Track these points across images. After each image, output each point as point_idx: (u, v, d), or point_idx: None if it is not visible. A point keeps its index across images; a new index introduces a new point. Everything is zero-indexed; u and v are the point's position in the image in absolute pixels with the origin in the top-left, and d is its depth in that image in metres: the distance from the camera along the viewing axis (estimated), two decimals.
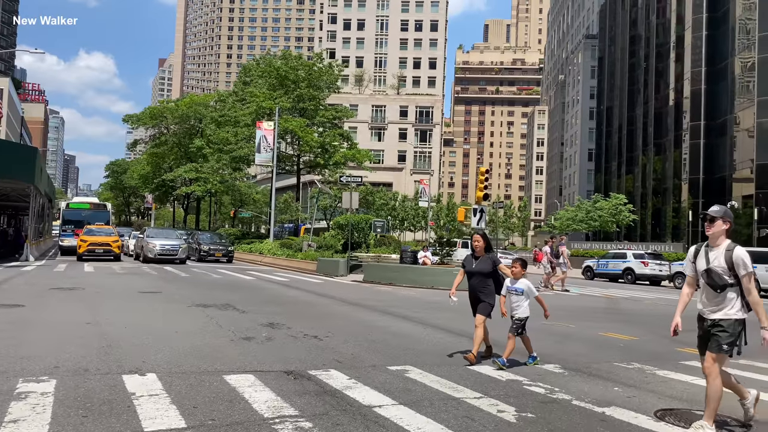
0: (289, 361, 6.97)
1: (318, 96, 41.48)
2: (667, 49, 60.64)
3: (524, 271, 7.20)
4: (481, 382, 6.34)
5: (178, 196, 59.59)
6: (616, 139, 73.53)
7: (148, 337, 8.14)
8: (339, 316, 11.56)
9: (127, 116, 54.04)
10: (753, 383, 6.74)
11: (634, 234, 62.88)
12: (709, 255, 4.92)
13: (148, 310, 11.21)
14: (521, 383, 6.39)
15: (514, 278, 7.17)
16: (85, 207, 36.20)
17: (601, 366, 7.50)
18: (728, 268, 4.76)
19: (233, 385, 5.78)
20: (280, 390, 5.65)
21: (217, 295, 14.36)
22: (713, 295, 4.88)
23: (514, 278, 7.17)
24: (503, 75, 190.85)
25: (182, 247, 27.98)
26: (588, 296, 20.18)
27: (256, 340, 8.32)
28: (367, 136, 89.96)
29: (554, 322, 11.79)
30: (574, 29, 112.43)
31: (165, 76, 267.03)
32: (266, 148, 32.32)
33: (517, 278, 7.17)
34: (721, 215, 4.89)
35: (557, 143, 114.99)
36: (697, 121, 53.98)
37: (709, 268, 4.84)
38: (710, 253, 4.91)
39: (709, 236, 4.93)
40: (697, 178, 53.57)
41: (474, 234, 7.78)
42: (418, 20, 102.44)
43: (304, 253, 27.55)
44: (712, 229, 4.89)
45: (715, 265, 4.82)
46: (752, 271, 4.74)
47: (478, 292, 7.40)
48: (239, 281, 19.48)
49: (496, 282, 7.45)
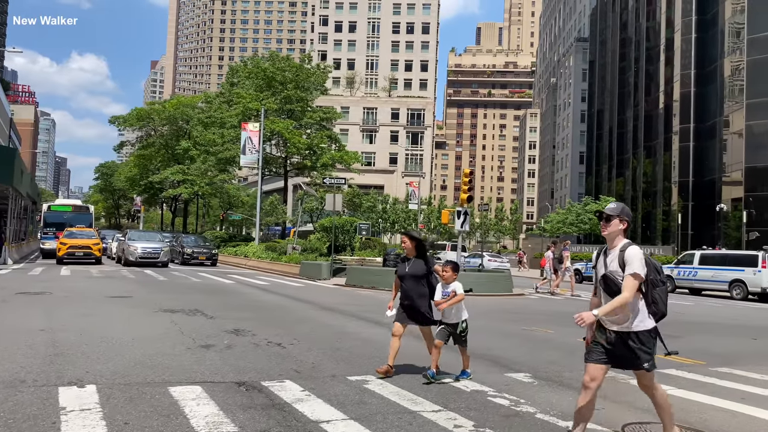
0: (244, 371, 6.60)
1: (306, 97, 41.11)
2: (657, 52, 60.66)
3: (455, 276, 6.60)
4: (443, 394, 6.00)
5: (165, 199, 59.04)
6: (606, 142, 73.54)
7: (100, 345, 7.76)
8: (310, 321, 11.20)
9: (114, 118, 53.49)
10: (732, 393, 6.43)
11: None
12: (606, 259, 4.33)
13: (111, 316, 10.81)
14: (486, 394, 6.05)
15: (446, 282, 6.56)
16: (67, 209, 35.65)
17: (574, 374, 7.17)
18: (622, 271, 4.17)
19: (176, 397, 5.41)
20: (225, 403, 5.28)
21: (189, 299, 13.97)
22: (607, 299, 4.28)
23: (446, 282, 6.56)
24: (495, 78, 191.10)
25: (164, 250, 27.52)
26: (574, 300, 19.88)
27: (215, 348, 7.95)
28: (358, 138, 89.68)
29: (534, 328, 11.50)
30: (566, 32, 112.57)
31: (157, 78, 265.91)
32: (251, 150, 31.93)
33: (449, 282, 6.56)
34: (618, 213, 4.33)
35: (549, 146, 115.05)
36: (686, 123, 53.96)
37: (605, 275, 4.27)
38: (607, 257, 4.32)
39: (606, 237, 4.37)
40: (686, 181, 53.51)
41: (402, 234, 7.19)
42: (409, 23, 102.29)
43: (288, 257, 27.17)
44: (608, 229, 4.33)
45: (611, 270, 4.23)
46: (639, 274, 4.06)
47: (411, 297, 6.70)
48: (217, 285, 19.08)
49: (431, 287, 6.77)
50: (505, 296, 18.75)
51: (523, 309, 15.59)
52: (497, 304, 16.60)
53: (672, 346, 9.94)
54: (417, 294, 6.66)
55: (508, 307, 15.84)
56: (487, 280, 19.39)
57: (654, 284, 4.20)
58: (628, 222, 4.34)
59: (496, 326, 11.59)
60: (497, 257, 43.21)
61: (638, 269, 4.08)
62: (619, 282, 4.13)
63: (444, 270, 6.58)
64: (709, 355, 9.23)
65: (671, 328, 12.84)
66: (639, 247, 4.29)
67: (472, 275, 19.80)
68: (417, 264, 6.74)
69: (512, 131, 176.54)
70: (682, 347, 9.89)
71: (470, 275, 19.68)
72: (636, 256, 4.11)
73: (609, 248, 4.34)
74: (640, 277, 4.10)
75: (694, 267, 26.35)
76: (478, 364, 7.61)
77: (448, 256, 36.79)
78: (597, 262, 4.43)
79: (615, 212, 4.34)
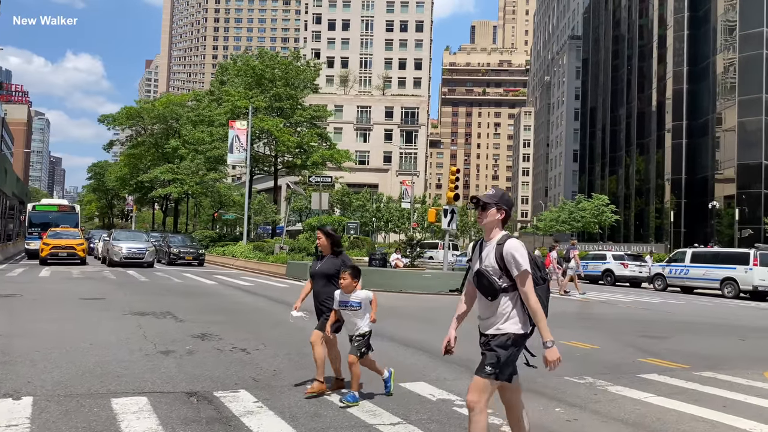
0: (198, 380, 6.23)
1: (295, 95, 40.68)
2: (650, 49, 60.44)
3: (356, 282, 5.65)
4: (407, 403, 5.64)
5: (157, 198, 58.52)
6: (600, 140, 73.33)
7: (53, 352, 7.36)
8: (284, 325, 10.81)
9: (103, 116, 52.91)
10: (715, 400, 6.09)
11: (618, 235, 62.60)
12: (482, 253, 3.74)
13: (76, 320, 10.41)
14: (452, 404, 5.70)
15: (345, 291, 5.63)
16: (52, 209, 35.11)
17: (549, 381, 6.82)
18: (499, 268, 3.59)
19: (116, 410, 5.04)
20: (167, 417, 4.91)
21: (164, 301, 13.58)
22: (486, 305, 3.72)
23: (345, 291, 5.63)
24: (490, 76, 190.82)
25: (149, 250, 27.08)
26: (562, 300, 19.55)
27: (175, 354, 7.57)
28: (352, 137, 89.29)
29: None
30: (560, 30, 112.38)
31: (151, 78, 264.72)
32: (239, 148, 31.51)
33: (348, 291, 5.63)
34: (495, 201, 3.72)
35: (543, 144, 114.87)
36: (679, 121, 53.76)
37: (479, 270, 3.68)
38: (483, 251, 3.74)
39: (483, 228, 3.79)
40: (679, 179, 53.32)
41: (318, 230, 6.53)
42: (403, 21, 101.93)
43: (275, 256, 26.78)
44: (485, 219, 3.73)
45: (486, 265, 3.64)
46: (528, 270, 3.55)
47: (321, 299, 6.03)
48: (198, 286, 18.68)
49: None
50: None
51: None
52: None
53: (659, 348, 9.68)
54: (326, 295, 5.95)
55: None
56: None
57: (534, 282, 3.62)
58: (507, 211, 3.73)
59: (475, 327, 11.22)
60: None
61: (526, 265, 3.55)
62: (494, 279, 3.59)
63: (342, 277, 5.64)
64: (695, 357, 8.91)
65: (659, 328, 12.53)
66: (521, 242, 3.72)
67: (457, 274, 19.45)
68: (330, 262, 6.06)
69: (507, 130, 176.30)
70: (667, 349, 9.61)
71: (456, 275, 19.35)
72: (518, 250, 3.57)
73: (486, 240, 3.76)
74: (530, 273, 3.57)
75: (686, 265, 26.07)
76: (450, 369, 7.28)
77: (440, 255, 36.43)
78: (473, 256, 3.86)
79: (492, 199, 3.73)
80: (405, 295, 17.44)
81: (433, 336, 9.77)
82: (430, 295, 17.17)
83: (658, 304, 19.37)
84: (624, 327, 12.51)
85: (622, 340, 10.47)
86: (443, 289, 17.95)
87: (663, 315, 15.68)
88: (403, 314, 12.91)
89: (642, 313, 15.85)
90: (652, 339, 10.74)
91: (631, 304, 18.88)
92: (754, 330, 13.23)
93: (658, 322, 13.82)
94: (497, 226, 3.72)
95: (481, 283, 3.65)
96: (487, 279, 3.61)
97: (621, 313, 15.86)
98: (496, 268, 3.59)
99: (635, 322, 13.70)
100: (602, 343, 9.88)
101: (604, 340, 10.27)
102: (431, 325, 11.40)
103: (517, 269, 3.54)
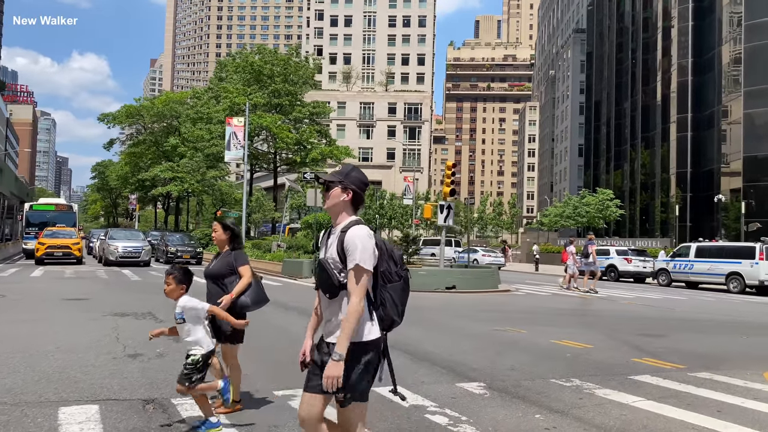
0: (159, 386, 5.89)
1: (295, 91, 40.35)
2: (654, 41, 59.71)
3: (182, 288, 4.55)
4: (376, 410, 5.27)
5: (158, 197, 58.36)
6: (604, 134, 72.64)
7: (15, 356, 7.05)
8: (266, 325, 10.47)
9: (103, 115, 52.72)
10: (709, 405, 5.69)
11: (623, 229, 61.98)
12: (328, 241, 3.10)
13: (52, 321, 10.10)
14: (425, 410, 5.33)
15: (171, 298, 4.59)
16: (49, 208, 34.91)
17: (534, 384, 6.44)
18: (340, 260, 2.94)
19: (61, 421, 4.71)
20: (114, 428, 4.58)
21: (149, 301, 13.25)
22: (326, 304, 3.04)
23: (171, 298, 4.59)
24: (494, 71, 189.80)
25: (145, 249, 26.82)
26: (561, 296, 19.15)
27: (143, 357, 7.24)
28: (355, 133, 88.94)
29: (507, 328, 10.79)
30: (564, 24, 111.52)
31: (156, 76, 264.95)
32: (236, 145, 31.19)
33: (174, 298, 4.55)
34: (340, 179, 3.07)
35: (548, 139, 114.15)
36: (684, 113, 53.06)
37: (320, 261, 3.04)
38: (329, 239, 3.10)
39: (328, 212, 3.14)
40: (684, 172, 52.65)
41: (215, 222, 5.62)
42: (405, 16, 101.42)
43: (272, 254, 26.48)
44: (328, 202, 3.10)
45: (328, 256, 2.99)
46: (364, 266, 2.86)
47: (210, 302, 4.95)
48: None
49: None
50: (489, 293, 18.02)
51: (503, 307, 14.86)
52: (478, 301, 15.88)
53: (655, 347, 9.25)
54: (216, 300, 4.95)
55: (489, 305, 15.10)
56: (471, 277, 18.65)
57: (387, 278, 3.01)
58: (356, 191, 3.07)
59: (467, 326, 10.86)
60: (492, 252, 42.40)
61: (363, 260, 2.87)
62: (335, 273, 2.92)
63: (167, 282, 4.58)
64: (692, 356, 8.50)
65: (658, 325, 12.11)
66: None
67: (455, 271, 19.09)
68: (223, 260, 5.14)
69: (512, 125, 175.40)
70: (664, 348, 9.20)
71: (453, 271, 18.99)
72: (361, 238, 2.89)
73: (333, 226, 3.14)
74: (367, 271, 2.89)
75: (690, 260, 25.59)
76: (431, 372, 6.92)
77: (447, 252, 35.94)
78: (321, 244, 3.22)
79: (336, 178, 3.09)
80: None
81: (420, 337, 9.41)
82: (425, 292, 16.79)
83: (660, 300, 18.93)
84: (622, 324, 12.10)
85: (618, 338, 10.07)
86: (439, 286, 17.57)
87: (664, 311, 15.26)
88: None
89: (642, 310, 15.43)
90: (649, 337, 10.34)
91: (632, 300, 18.45)
92: (757, 327, 12.79)
93: (657, 319, 13.40)
94: (344, 210, 3.07)
95: (321, 276, 2.99)
96: (327, 272, 2.95)
97: (620, 309, 15.43)
98: (336, 260, 2.93)
99: (634, 319, 13.28)
100: (596, 342, 9.48)
101: (599, 339, 9.87)
102: (419, 325, 11.01)
103: (351, 261, 2.87)
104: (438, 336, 9.63)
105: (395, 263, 3.04)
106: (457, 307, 14.19)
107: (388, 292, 3.00)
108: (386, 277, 3.01)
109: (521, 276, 32.02)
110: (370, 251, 2.90)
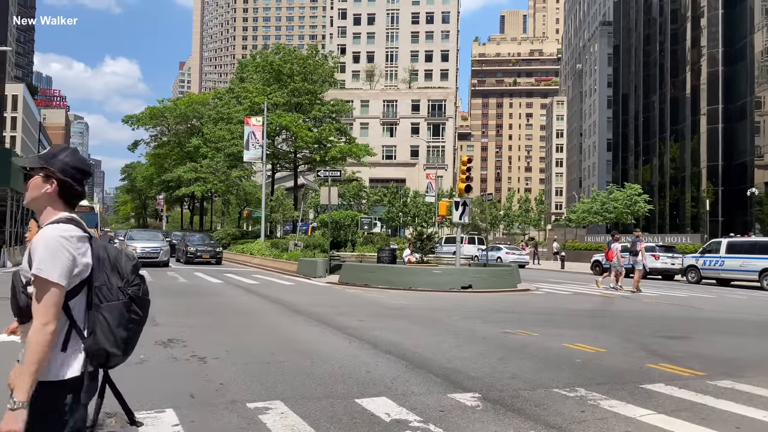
0: (126, 398, 5.51)
1: (314, 90, 40.10)
2: (683, 32, 58.05)
3: None
4: (353, 425, 4.83)
5: (183, 197, 58.81)
6: (632, 128, 71.00)
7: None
8: (264, 328, 10.12)
9: (127, 117, 53.33)
10: (728, 419, 5.11)
11: (653, 225, 60.44)
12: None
13: None
14: (407, 425, 4.87)
15: None
16: None
17: (534, 394, 5.93)
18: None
19: None
20: None
21: (154, 303, 12.97)
22: (24, 330, 2.21)
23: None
24: (521, 66, 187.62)
25: (164, 250, 26.78)
26: (583, 295, 18.46)
27: (122, 365, 6.89)
28: (378, 131, 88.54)
29: (517, 330, 10.24)
30: (591, 17, 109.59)
31: (184, 79, 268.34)
32: (255, 145, 31.04)
33: None
34: (42, 164, 2.28)
35: (576, 134, 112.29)
36: (714, 104, 51.43)
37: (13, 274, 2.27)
38: None
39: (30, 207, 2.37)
40: (716, 165, 51.03)
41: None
42: (429, 12, 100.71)
43: (289, 254, 26.23)
44: (27, 195, 2.33)
45: (21, 267, 2.22)
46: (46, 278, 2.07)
47: None
48: (200, 286, 18.19)
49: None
50: (506, 292, 17.42)
51: (519, 307, 14.27)
52: (494, 301, 15.32)
53: (674, 351, 8.60)
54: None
55: (504, 305, 14.53)
56: (488, 276, 18.07)
57: (103, 296, 2.22)
58: (63, 180, 2.27)
59: (476, 328, 10.35)
60: (516, 250, 41.51)
61: (46, 269, 2.09)
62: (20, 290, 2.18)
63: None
64: (714, 361, 7.87)
65: (681, 326, 11.40)
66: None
67: (471, 270, 18.54)
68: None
69: (539, 120, 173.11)
70: (684, 352, 8.56)
71: (469, 270, 18.44)
72: (47, 240, 2.13)
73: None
74: (54, 284, 2.09)
75: (721, 256, 24.59)
76: (424, 381, 6.44)
77: (464, 249, 35.37)
78: None
79: (36, 163, 2.29)
80: (413, 293, 16.59)
81: (421, 341, 8.95)
82: (440, 292, 16.28)
83: (686, 298, 18.12)
84: (641, 325, 11.45)
85: (635, 341, 9.45)
86: (455, 286, 17.04)
87: (688, 311, 14.51)
88: (403, 315, 12.09)
89: (665, 309, 14.70)
90: (669, 339, 9.70)
91: (656, 298, 17.68)
92: None
93: (680, 320, 12.69)
94: (49, 205, 2.29)
95: (12, 295, 2.23)
96: (13, 289, 2.22)
97: (642, 309, 14.72)
98: (27, 271, 2.15)
99: (655, 319, 12.60)
100: (610, 345, 8.89)
101: (614, 342, 9.27)
102: (425, 327, 10.54)
103: (34, 268, 2.10)
104: (442, 339, 9.15)
105: (120, 277, 2.26)
106: (471, 307, 13.66)
107: (101, 314, 2.19)
108: (102, 294, 2.21)
109: (545, 274, 31.26)
110: (62, 257, 2.11)
